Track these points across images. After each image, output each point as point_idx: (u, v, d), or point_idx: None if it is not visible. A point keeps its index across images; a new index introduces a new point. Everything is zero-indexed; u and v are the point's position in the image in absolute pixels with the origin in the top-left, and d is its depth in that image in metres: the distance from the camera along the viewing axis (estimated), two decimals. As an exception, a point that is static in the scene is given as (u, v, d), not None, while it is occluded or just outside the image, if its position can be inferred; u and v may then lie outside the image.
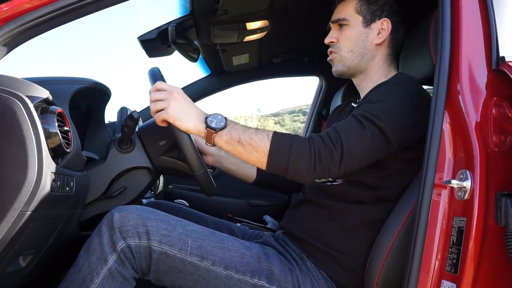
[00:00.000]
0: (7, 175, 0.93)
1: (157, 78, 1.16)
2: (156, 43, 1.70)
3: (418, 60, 1.24)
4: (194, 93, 2.32)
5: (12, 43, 1.08)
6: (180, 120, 1.05)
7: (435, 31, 1.15)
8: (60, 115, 1.08)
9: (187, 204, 2.01)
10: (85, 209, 1.28)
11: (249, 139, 1.03)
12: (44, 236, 1.09)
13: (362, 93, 1.29)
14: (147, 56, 1.75)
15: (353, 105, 1.31)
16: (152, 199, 1.85)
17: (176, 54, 1.78)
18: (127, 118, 1.25)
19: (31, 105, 0.97)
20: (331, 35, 1.26)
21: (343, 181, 1.17)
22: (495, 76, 0.94)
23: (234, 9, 1.65)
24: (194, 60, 1.89)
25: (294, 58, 2.28)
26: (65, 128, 1.09)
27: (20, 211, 0.93)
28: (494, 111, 0.92)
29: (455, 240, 0.90)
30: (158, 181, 2.05)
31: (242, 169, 1.41)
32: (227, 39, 1.92)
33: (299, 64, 2.36)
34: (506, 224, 0.84)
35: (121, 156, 1.29)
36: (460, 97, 0.93)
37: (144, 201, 1.69)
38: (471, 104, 0.92)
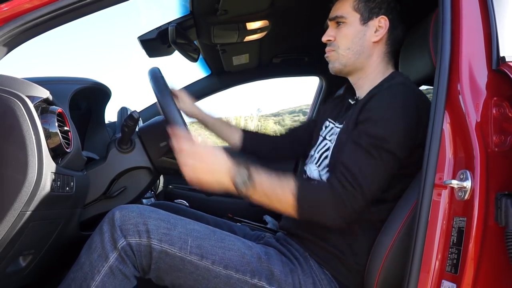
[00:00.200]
0: (7, 175, 0.93)
1: (157, 79, 1.16)
2: (156, 43, 1.70)
3: (418, 60, 1.24)
4: (194, 93, 2.31)
5: (12, 43, 1.08)
6: (207, 185, 1.07)
7: (435, 31, 1.15)
8: (60, 115, 1.08)
9: (187, 204, 2.01)
10: (85, 209, 1.28)
11: (275, 195, 1.08)
12: (44, 236, 1.09)
13: (358, 91, 1.28)
14: (147, 56, 1.75)
15: (350, 101, 1.30)
16: (152, 199, 1.85)
17: (176, 54, 1.78)
18: (127, 118, 1.25)
19: (31, 105, 0.97)
20: (328, 33, 1.26)
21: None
22: (495, 76, 0.94)
23: (234, 9, 1.65)
24: (194, 60, 1.89)
25: (294, 58, 2.28)
26: (65, 128, 1.09)
27: (20, 211, 0.93)
28: (494, 111, 0.92)
29: (455, 240, 0.90)
30: (158, 181, 2.05)
31: (224, 137, 1.44)
32: (227, 39, 1.92)
33: (299, 64, 2.36)
34: (506, 224, 0.84)
35: (121, 156, 1.30)
36: (460, 97, 0.93)
37: (145, 201, 1.69)
38: (471, 104, 0.92)
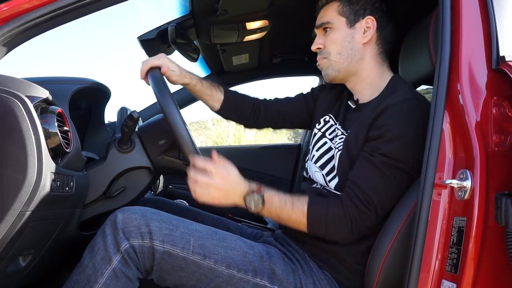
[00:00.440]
0: (7, 175, 0.93)
1: (158, 83, 1.16)
2: (156, 43, 1.70)
3: (418, 60, 1.24)
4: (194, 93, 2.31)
5: (12, 43, 1.08)
6: (220, 204, 1.09)
7: (435, 30, 1.15)
8: (60, 115, 1.08)
9: (187, 204, 2.01)
10: (85, 209, 1.28)
11: (287, 217, 1.10)
12: (44, 236, 1.09)
13: (358, 95, 1.26)
14: (147, 56, 1.75)
15: (350, 104, 1.26)
16: (150, 196, 1.85)
17: (176, 54, 1.78)
18: (127, 118, 1.25)
19: (31, 105, 0.97)
20: (317, 41, 1.25)
21: (336, 186, 1.17)
22: (495, 76, 0.94)
23: (234, 9, 1.64)
24: (194, 60, 1.89)
25: (294, 58, 2.28)
26: (65, 128, 1.09)
27: (20, 211, 0.93)
28: (494, 111, 0.92)
29: (455, 240, 0.90)
30: (158, 181, 2.04)
31: (206, 100, 1.45)
32: (227, 39, 1.92)
33: (299, 64, 2.36)
34: (506, 223, 0.84)
35: (121, 156, 1.30)
36: (460, 96, 0.93)
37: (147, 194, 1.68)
38: (471, 103, 0.92)
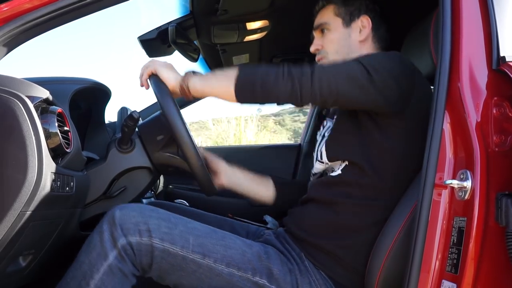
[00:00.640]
0: (7, 175, 0.93)
1: (159, 84, 1.16)
2: (156, 43, 1.70)
3: (418, 60, 1.24)
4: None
5: (12, 43, 1.08)
6: (164, 75, 1.14)
7: (435, 30, 1.15)
8: (60, 115, 1.08)
9: (187, 204, 2.01)
10: (85, 209, 1.28)
11: (220, 71, 1.13)
12: (44, 236, 1.09)
13: None
14: (147, 56, 1.75)
15: None
16: (152, 199, 1.85)
17: (176, 54, 1.78)
18: (127, 118, 1.25)
19: (31, 105, 0.97)
20: (316, 42, 1.31)
21: (341, 170, 1.17)
22: (495, 76, 0.94)
23: (234, 9, 1.64)
24: (194, 60, 1.89)
25: (294, 58, 2.28)
26: (65, 128, 1.09)
27: (20, 211, 0.93)
28: (494, 111, 0.92)
29: (455, 240, 0.90)
30: (158, 181, 2.04)
31: (256, 193, 1.43)
32: (227, 39, 1.92)
33: (299, 64, 2.35)
34: (506, 224, 0.84)
35: (121, 156, 1.29)
36: (460, 97, 0.93)
37: (145, 201, 1.68)
38: (471, 104, 0.92)
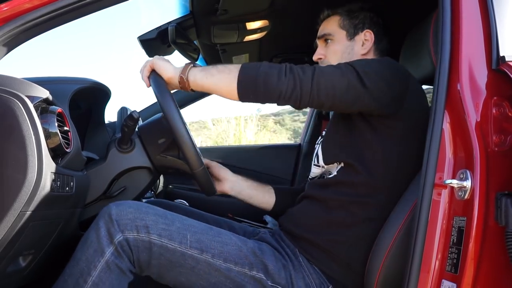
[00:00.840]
0: (7, 175, 0.93)
1: (159, 84, 1.16)
2: (156, 43, 1.70)
3: (418, 60, 1.24)
4: (194, 93, 2.31)
5: (12, 43, 1.08)
6: (161, 66, 1.15)
7: (435, 31, 1.15)
8: (60, 115, 1.08)
9: (187, 204, 2.01)
10: (85, 209, 1.28)
11: (222, 66, 1.12)
12: (44, 236, 1.09)
13: None
14: (147, 56, 1.75)
15: None
16: (152, 199, 1.85)
17: (176, 54, 1.78)
18: (127, 118, 1.25)
19: (31, 105, 0.97)
20: (319, 52, 1.32)
21: (337, 172, 1.18)
22: (495, 76, 0.94)
23: (234, 9, 1.65)
24: (194, 60, 1.89)
25: (294, 58, 2.28)
26: (65, 128, 1.09)
27: (20, 211, 0.93)
28: (494, 111, 0.92)
29: (455, 240, 0.90)
30: (158, 181, 2.04)
31: (257, 201, 1.43)
32: (227, 39, 1.92)
33: (299, 64, 2.35)
34: (506, 223, 0.84)
35: (121, 156, 1.29)
36: (460, 96, 0.93)
37: (144, 201, 1.69)
38: (471, 103, 0.92)
